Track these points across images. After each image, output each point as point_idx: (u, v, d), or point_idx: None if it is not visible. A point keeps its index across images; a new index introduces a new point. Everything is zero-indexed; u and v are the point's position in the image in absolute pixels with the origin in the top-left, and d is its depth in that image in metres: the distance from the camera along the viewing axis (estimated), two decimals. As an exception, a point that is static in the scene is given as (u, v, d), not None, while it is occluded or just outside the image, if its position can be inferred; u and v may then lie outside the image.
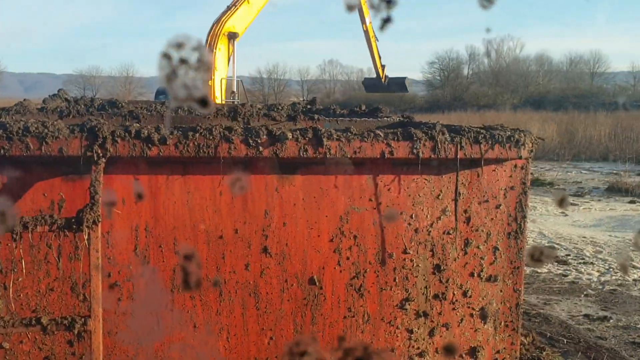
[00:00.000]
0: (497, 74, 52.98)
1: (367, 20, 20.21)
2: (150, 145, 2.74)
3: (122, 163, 2.79)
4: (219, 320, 2.99)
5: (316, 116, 4.43)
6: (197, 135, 2.76)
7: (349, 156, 2.90)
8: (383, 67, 21.68)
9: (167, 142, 2.74)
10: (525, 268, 8.39)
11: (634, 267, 8.29)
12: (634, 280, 7.70)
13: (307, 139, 2.89)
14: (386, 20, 1.19)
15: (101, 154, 2.67)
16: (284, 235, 3.04)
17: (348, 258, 3.06)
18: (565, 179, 17.49)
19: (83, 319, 2.55)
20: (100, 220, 2.50)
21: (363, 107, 5.26)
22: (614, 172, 18.86)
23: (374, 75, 21.92)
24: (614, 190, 14.95)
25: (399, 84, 22.51)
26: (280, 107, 5.27)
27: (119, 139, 2.69)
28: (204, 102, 0.94)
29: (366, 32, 20.64)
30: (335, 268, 3.06)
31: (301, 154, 2.88)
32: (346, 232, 3.05)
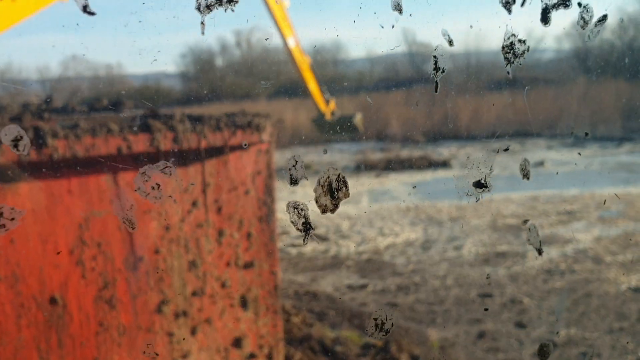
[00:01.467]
0: (250, 65, 54.64)
1: (291, 42, 16.02)
2: None
3: None
4: None
5: (47, 115, 3.93)
6: None
7: (80, 155, 2.59)
8: (327, 100, 17.58)
9: None
10: (292, 250, 8.78)
11: (384, 234, 9.29)
12: (385, 246, 8.62)
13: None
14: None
15: None
16: (12, 254, 2.60)
17: (93, 269, 2.75)
18: (321, 161, 18.88)
19: None
20: None
21: (105, 102, 4.88)
22: (361, 150, 21.00)
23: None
24: (362, 167, 16.63)
25: (346, 123, 18.24)
26: (5, 109, 4.59)
27: None
28: None
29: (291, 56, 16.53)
30: (79, 282, 2.73)
31: (22, 158, 2.48)
32: (88, 240, 2.73)
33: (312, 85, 17.54)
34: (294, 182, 0.91)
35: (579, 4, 1.08)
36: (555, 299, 6.19)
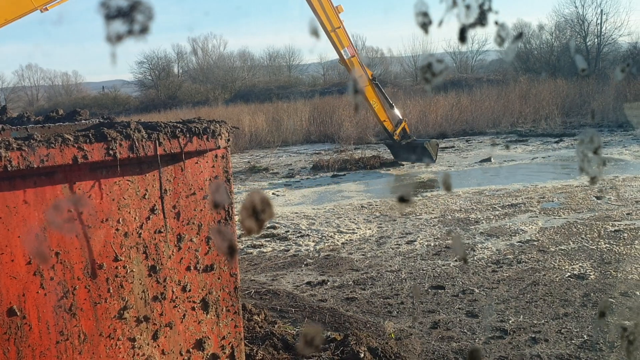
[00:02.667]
0: (206, 71, 54.35)
1: (346, 54, 14.17)
2: None
3: None
4: None
5: (0, 126, 3.89)
6: None
7: (35, 166, 2.61)
8: (398, 122, 15.23)
9: None
10: (252, 251, 8.82)
11: (341, 232, 9.45)
12: (342, 243, 8.77)
13: (-21, 152, 2.51)
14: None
15: None
16: (-33, 267, 2.60)
17: (52, 278, 2.77)
18: (278, 163, 18.94)
19: None
20: None
21: (60, 112, 4.85)
22: (317, 152, 21.17)
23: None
24: (318, 168, 16.79)
25: (417, 147, 15.42)
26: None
27: None
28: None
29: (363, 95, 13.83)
30: (38, 292, 2.75)
31: (-26, 171, 2.49)
32: (46, 250, 2.75)
33: (375, 102, 14.97)
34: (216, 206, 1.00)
35: (496, 22, 1.18)
36: (504, 288, 6.47)
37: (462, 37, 1.13)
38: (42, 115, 4.81)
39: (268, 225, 10.15)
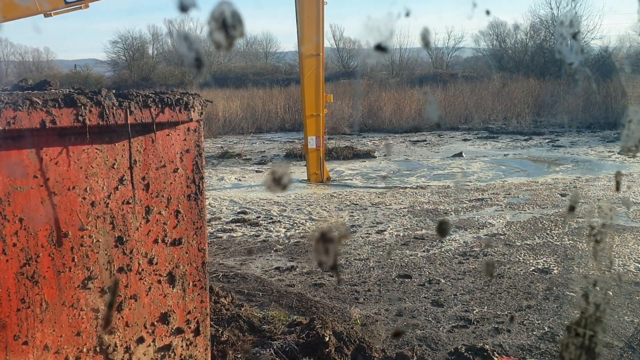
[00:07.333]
0: (181, 54, 53.44)
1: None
2: None
3: None
4: None
5: (-37, 90, 3.77)
6: None
7: (0, 128, 2.53)
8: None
9: None
10: (222, 235, 8.75)
11: (313, 219, 9.45)
12: (313, 231, 8.79)
13: (-59, 113, 2.43)
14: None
15: None
16: None
17: (15, 245, 2.70)
18: (252, 150, 18.82)
19: None
20: None
21: (30, 82, 4.75)
22: (290, 140, 21.12)
23: None
24: (292, 156, 16.76)
25: None
26: None
27: None
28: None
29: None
30: (-1, 258, 2.67)
31: (-64, 130, 2.40)
32: (9, 215, 2.67)
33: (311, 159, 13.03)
34: None
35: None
36: (470, 279, 6.57)
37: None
38: (10, 85, 4.69)
39: (238, 210, 10.09)
